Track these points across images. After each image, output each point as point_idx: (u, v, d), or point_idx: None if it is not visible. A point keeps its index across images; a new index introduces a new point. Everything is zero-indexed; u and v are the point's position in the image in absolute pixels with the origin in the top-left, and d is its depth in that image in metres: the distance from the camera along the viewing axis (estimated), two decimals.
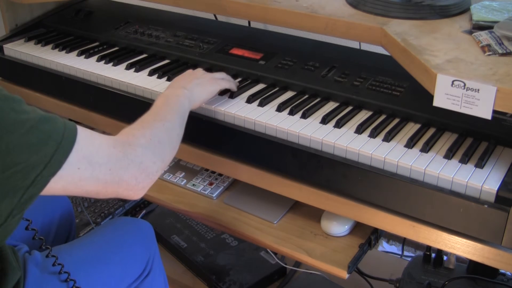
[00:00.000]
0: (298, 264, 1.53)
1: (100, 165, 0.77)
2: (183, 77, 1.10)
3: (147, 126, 0.90)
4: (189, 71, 1.13)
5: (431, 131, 1.01)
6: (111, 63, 1.34)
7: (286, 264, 1.50)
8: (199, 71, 1.13)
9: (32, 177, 0.69)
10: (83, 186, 0.76)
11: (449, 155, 0.92)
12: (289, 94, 1.17)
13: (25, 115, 0.70)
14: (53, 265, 0.93)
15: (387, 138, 0.98)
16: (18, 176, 0.68)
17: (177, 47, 1.36)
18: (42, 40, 1.49)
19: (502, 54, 0.88)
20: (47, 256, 0.94)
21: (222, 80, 1.13)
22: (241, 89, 1.18)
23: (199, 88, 1.07)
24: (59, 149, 0.71)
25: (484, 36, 0.93)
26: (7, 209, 0.69)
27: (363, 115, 1.07)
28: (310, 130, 1.02)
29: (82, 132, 0.76)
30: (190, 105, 1.04)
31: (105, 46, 1.45)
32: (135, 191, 0.83)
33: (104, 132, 1.51)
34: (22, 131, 0.68)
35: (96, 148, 0.77)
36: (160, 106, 0.98)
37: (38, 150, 0.69)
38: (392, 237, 1.86)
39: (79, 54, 1.40)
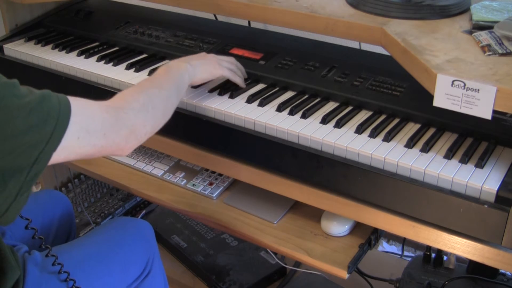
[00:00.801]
0: (298, 264, 1.53)
1: (96, 131, 0.81)
2: (192, 56, 1.14)
3: (143, 90, 0.94)
4: (203, 53, 1.17)
5: (431, 131, 1.01)
6: (111, 63, 1.34)
7: (286, 264, 1.50)
8: (209, 54, 1.17)
9: (36, 154, 0.72)
10: (82, 153, 0.81)
11: (449, 155, 0.92)
12: (289, 94, 1.17)
13: (25, 98, 0.73)
14: (53, 264, 0.93)
15: (387, 138, 0.98)
16: (22, 156, 0.71)
17: (177, 47, 1.36)
18: (42, 40, 1.49)
19: (502, 54, 0.88)
20: (46, 256, 0.94)
21: (227, 70, 1.15)
22: (241, 89, 1.18)
23: (202, 66, 1.11)
24: (58, 125, 0.75)
25: (484, 36, 0.93)
26: (16, 187, 0.72)
27: (363, 115, 1.07)
28: (310, 130, 1.02)
29: (76, 103, 0.79)
30: (190, 80, 1.07)
31: (105, 46, 1.45)
32: (123, 150, 0.88)
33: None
34: (24, 115, 0.71)
35: (91, 117, 0.81)
36: (160, 74, 1.02)
37: (40, 130, 0.72)
38: (392, 237, 1.86)
39: (79, 54, 1.40)
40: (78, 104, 0.80)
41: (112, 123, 0.84)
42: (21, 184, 0.72)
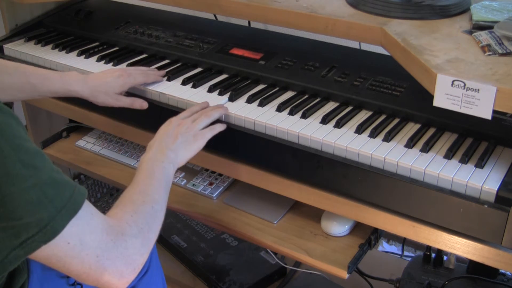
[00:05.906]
0: (298, 264, 1.53)
1: (90, 247, 0.72)
2: (167, 132, 1.01)
3: (138, 210, 0.84)
4: (174, 122, 1.03)
5: (431, 131, 1.01)
6: (111, 63, 1.34)
7: (286, 264, 1.50)
8: (185, 121, 1.03)
9: (23, 238, 0.65)
10: (66, 263, 0.71)
11: (449, 155, 0.92)
12: (289, 94, 1.17)
13: (33, 170, 0.66)
14: None
15: (387, 138, 0.98)
16: (8, 233, 0.65)
17: (177, 47, 1.36)
18: (42, 40, 1.49)
19: (502, 54, 0.88)
20: None
21: (207, 132, 1.04)
22: (240, 89, 1.18)
23: (184, 146, 1.00)
24: (57, 217, 0.67)
25: (484, 36, 0.93)
26: None
27: (363, 115, 1.07)
28: (310, 130, 1.02)
29: (85, 208, 0.72)
30: (174, 169, 0.98)
31: (105, 46, 1.45)
32: (117, 286, 0.76)
33: (103, 133, 1.51)
34: (23, 186, 0.65)
35: (91, 228, 0.73)
36: (147, 181, 0.91)
37: (35, 212, 0.65)
38: (392, 237, 1.86)
39: (79, 54, 1.40)
40: (86, 210, 0.72)
41: (109, 247, 0.74)
42: None
